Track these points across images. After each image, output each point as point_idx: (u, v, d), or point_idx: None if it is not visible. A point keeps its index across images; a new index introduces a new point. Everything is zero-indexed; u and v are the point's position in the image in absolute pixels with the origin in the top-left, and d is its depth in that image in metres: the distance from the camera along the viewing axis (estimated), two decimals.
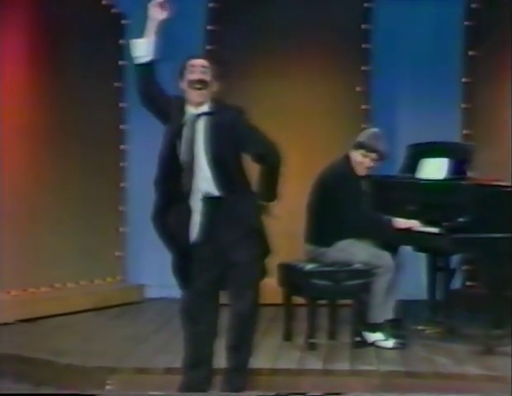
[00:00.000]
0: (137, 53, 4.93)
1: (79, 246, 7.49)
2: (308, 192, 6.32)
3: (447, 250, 6.18)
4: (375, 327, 6.14)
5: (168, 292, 5.98)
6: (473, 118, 7.74)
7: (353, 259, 6.12)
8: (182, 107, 4.92)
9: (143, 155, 6.84)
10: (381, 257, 6.13)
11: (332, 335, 6.30)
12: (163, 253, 5.03)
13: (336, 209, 6.10)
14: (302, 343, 6.06)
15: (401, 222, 6.06)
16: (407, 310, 6.50)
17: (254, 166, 4.99)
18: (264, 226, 4.98)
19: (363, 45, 7.80)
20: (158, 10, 4.93)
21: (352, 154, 6.25)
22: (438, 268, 6.53)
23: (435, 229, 5.89)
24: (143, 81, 4.93)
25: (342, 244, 6.17)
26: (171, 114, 4.90)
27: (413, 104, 7.89)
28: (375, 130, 6.40)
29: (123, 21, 7.80)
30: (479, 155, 6.38)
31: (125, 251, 7.99)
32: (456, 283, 7.06)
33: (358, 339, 6.09)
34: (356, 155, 6.23)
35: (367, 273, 6.06)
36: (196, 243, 4.93)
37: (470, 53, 7.79)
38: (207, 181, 4.87)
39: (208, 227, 4.91)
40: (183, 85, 4.92)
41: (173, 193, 4.90)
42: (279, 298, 6.26)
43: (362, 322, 6.13)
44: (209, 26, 7.86)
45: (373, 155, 6.21)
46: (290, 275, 6.21)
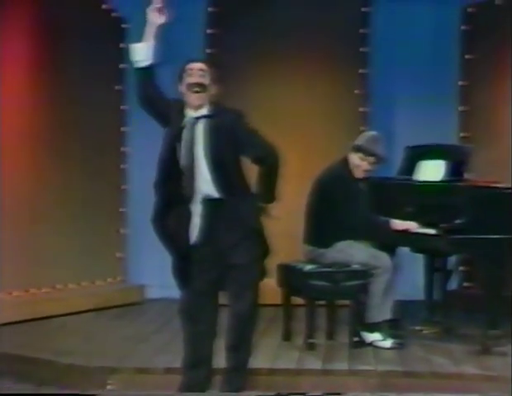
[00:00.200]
0: (136, 57, 4.93)
1: (80, 247, 7.49)
2: (307, 194, 6.31)
3: (444, 251, 6.19)
4: (373, 327, 6.13)
5: (169, 293, 5.97)
6: (470, 120, 7.75)
7: (352, 260, 6.11)
8: (181, 110, 4.91)
9: (143, 157, 6.82)
10: (379, 258, 6.13)
11: (330, 335, 6.30)
12: (163, 254, 5.02)
13: (335, 210, 6.10)
14: (301, 343, 6.05)
15: (399, 223, 6.05)
16: (405, 310, 6.49)
17: (253, 168, 4.98)
18: (264, 227, 4.98)
19: (361, 49, 7.81)
20: (156, 15, 4.92)
21: (350, 157, 6.24)
22: (435, 269, 6.53)
23: (433, 231, 5.89)
24: (142, 85, 4.93)
25: (340, 245, 6.17)
26: (170, 117, 4.89)
27: (411, 106, 7.89)
28: (373, 134, 6.39)
29: (123, 25, 7.80)
30: (476, 157, 6.38)
31: (125, 252, 7.99)
32: (453, 284, 7.08)
33: (357, 339, 6.08)
34: (354, 158, 6.23)
35: (366, 274, 6.05)
36: (195, 245, 4.92)
37: (466, 56, 7.80)
38: (207, 184, 4.86)
39: (208, 229, 4.91)
40: (182, 88, 4.91)
41: (173, 195, 4.89)
42: (278, 298, 6.26)
43: (360, 322, 6.12)
44: (209, 30, 7.87)
45: (371, 159, 6.21)
46: (289, 275, 6.20)
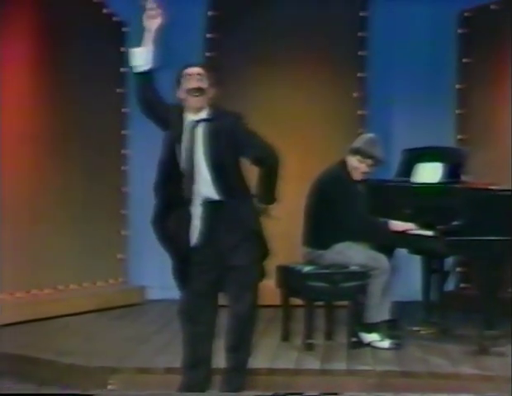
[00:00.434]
0: (136, 62, 4.91)
1: (81, 248, 7.48)
2: (306, 195, 6.30)
3: (441, 252, 6.17)
4: (371, 327, 6.12)
5: (169, 294, 5.95)
6: (467, 123, 7.75)
7: (350, 261, 6.10)
8: (180, 114, 4.90)
9: (144, 160, 6.82)
10: (377, 260, 6.12)
11: (329, 335, 6.29)
12: (163, 256, 5.01)
13: (333, 212, 6.09)
14: (300, 343, 6.04)
15: (398, 224, 6.04)
16: (402, 311, 6.48)
17: (253, 169, 4.97)
18: (263, 229, 4.97)
19: (360, 53, 7.81)
20: (151, 20, 4.91)
21: (348, 159, 6.24)
22: (432, 270, 6.51)
23: (430, 232, 5.87)
24: (142, 89, 4.92)
25: (339, 247, 6.16)
26: (170, 121, 4.88)
27: (408, 109, 7.89)
28: (371, 136, 6.38)
29: (124, 29, 7.79)
30: (473, 159, 6.37)
31: (126, 253, 7.98)
32: (450, 285, 7.07)
33: (355, 339, 6.07)
34: (352, 160, 6.22)
35: (364, 275, 6.04)
36: (196, 247, 4.91)
37: (463, 60, 7.81)
38: (207, 186, 4.85)
39: (208, 231, 4.89)
40: (181, 93, 4.90)
41: (173, 198, 4.88)
42: (277, 299, 6.24)
43: (358, 323, 6.11)
44: (208, 34, 7.86)
45: (369, 161, 6.20)
46: (288, 277, 6.19)
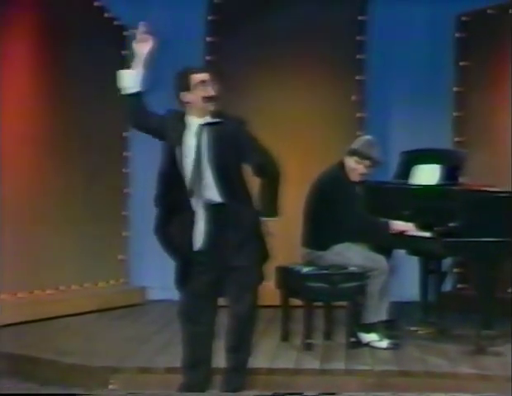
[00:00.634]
0: (124, 84, 4.89)
1: (83, 249, 7.47)
2: (305, 197, 6.29)
3: (439, 253, 6.16)
4: (369, 327, 6.11)
5: (170, 294, 5.94)
6: (464, 125, 7.75)
7: (349, 262, 6.09)
8: (181, 118, 4.89)
9: (145, 162, 6.83)
10: (375, 261, 6.11)
11: (328, 335, 6.28)
12: (164, 257, 5.01)
13: (332, 213, 6.08)
14: (299, 343, 6.03)
15: (398, 224, 6.03)
16: (400, 311, 6.48)
17: (255, 181, 4.97)
18: (264, 232, 4.97)
19: (358, 56, 7.81)
20: (141, 44, 4.90)
21: (346, 160, 6.23)
22: (430, 271, 6.50)
23: (427, 233, 5.87)
24: (131, 111, 4.92)
25: (338, 248, 6.15)
26: (167, 130, 4.86)
27: (406, 112, 7.89)
28: (368, 138, 6.39)
29: (125, 33, 7.78)
30: (470, 161, 6.37)
31: (127, 254, 7.98)
32: (447, 285, 7.07)
33: (353, 340, 6.05)
34: (350, 161, 6.21)
35: (362, 276, 6.03)
36: (199, 250, 4.90)
37: (461, 63, 7.81)
38: (210, 189, 4.84)
39: (212, 233, 4.88)
40: (190, 97, 4.86)
41: (175, 205, 4.87)
42: (277, 300, 6.23)
43: (357, 323, 6.10)
44: (208, 38, 7.86)
45: (367, 162, 6.19)
46: (287, 277, 6.18)
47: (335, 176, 6.20)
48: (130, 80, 4.87)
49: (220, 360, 5.02)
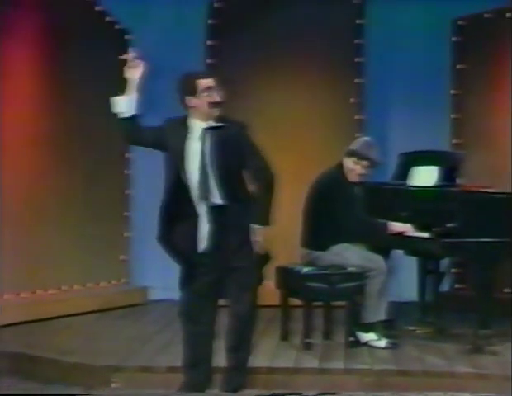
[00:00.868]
0: (119, 109, 4.87)
1: (85, 250, 7.46)
2: (304, 198, 6.28)
3: (437, 254, 6.16)
4: (368, 327, 6.09)
5: (171, 294, 5.94)
6: (462, 127, 7.74)
7: (348, 262, 6.07)
8: (183, 123, 4.87)
9: (147, 163, 6.78)
10: (374, 261, 6.09)
11: (327, 335, 6.26)
12: (165, 257, 4.98)
13: (330, 214, 6.07)
14: (298, 343, 6.02)
15: (396, 225, 6.02)
16: (399, 311, 6.46)
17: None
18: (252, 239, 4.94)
19: (356, 59, 7.78)
20: (133, 70, 4.87)
21: (344, 161, 6.21)
22: (428, 271, 6.50)
23: (426, 234, 5.86)
24: (126, 133, 4.92)
25: (336, 248, 6.13)
26: (169, 138, 4.83)
27: (404, 114, 7.87)
28: (367, 139, 6.38)
29: (126, 37, 7.77)
30: (468, 163, 6.36)
31: (129, 254, 7.96)
32: (445, 285, 7.05)
33: (352, 339, 6.04)
34: (348, 162, 6.20)
35: (361, 276, 6.02)
36: (203, 251, 4.88)
37: (458, 66, 7.80)
38: (213, 191, 4.83)
39: (215, 235, 4.86)
40: (197, 103, 4.81)
41: (179, 210, 4.85)
42: (276, 299, 6.22)
43: (355, 322, 6.09)
44: (208, 41, 7.85)
45: (365, 163, 6.18)
46: (287, 277, 6.17)
47: (334, 177, 6.19)
48: (124, 106, 4.85)
49: (221, 359, 5.01)
